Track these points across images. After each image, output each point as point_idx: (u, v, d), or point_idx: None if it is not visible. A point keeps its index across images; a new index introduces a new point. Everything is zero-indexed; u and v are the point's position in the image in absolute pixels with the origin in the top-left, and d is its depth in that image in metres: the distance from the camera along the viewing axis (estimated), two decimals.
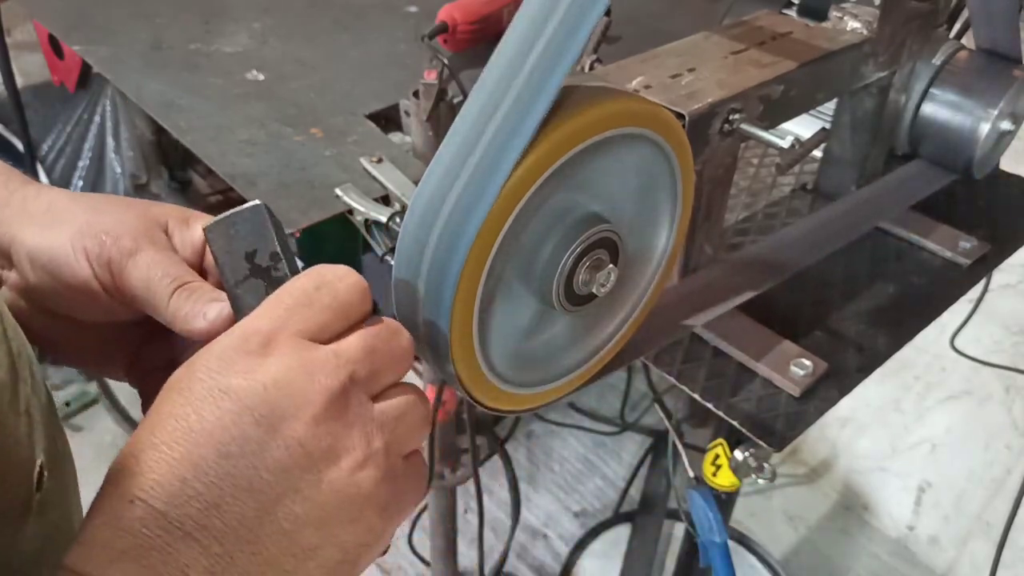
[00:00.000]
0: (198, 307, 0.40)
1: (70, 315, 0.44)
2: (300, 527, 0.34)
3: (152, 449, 0.33)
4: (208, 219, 0.41)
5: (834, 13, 0.80)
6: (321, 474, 0.34)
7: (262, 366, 0.34)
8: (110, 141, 1.85)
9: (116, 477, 0.33)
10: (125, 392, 2.09)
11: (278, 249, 0.39)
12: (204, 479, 0.32)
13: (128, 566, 0.31)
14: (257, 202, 0.40)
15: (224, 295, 0.40)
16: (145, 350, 0.47)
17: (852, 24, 0.79)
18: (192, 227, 0.45)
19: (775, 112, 0.71)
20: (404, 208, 0.76)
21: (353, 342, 0.36)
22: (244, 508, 0.33)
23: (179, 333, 0.41)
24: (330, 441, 0.34)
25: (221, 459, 0.33)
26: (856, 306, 0.80)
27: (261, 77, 1.08)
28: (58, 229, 0.42)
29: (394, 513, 0.37)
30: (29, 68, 1.84)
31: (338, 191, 0.81)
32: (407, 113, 0.95)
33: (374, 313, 0.39)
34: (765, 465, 0.85)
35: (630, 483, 2.00)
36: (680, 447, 1.05)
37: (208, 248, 0.40)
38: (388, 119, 1.01)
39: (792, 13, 0.81)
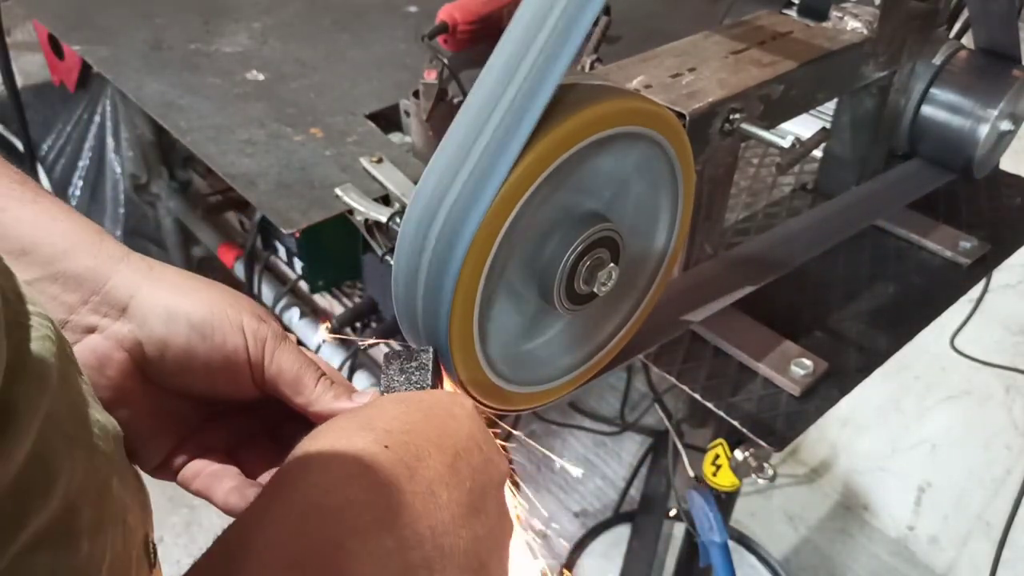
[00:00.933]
0: (343, 393, 0.46)
1: (173, 379, 0.45)
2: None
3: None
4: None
5: (834, 13, 0.80)
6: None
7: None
8: (110, 141, 1.84)
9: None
10: None
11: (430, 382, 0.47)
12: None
13: None
14: (430, 348, 0.47)
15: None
16: (196, 438, 0.48)
17: (852, 24, 0.79)
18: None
19: (775, 112, 0.71)
20: (404, 208, 0.76)
21: None
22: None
23: (316, 415, 0.46)
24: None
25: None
26: (856, 306, 0.80)
27: (261, 77, 1.08)
28: (200, 296, 0.45)
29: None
30: (29, 68, 1.83)
31: (338, 191, 0.82)
32: (407, 113, 0.95)
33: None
34: (765, 465, 0.85)
35: (630, 483, 1.99)
36: (680, 447, 1.05)
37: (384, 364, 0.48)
38: (388, 119, 1.01)
39: (792, 13, 0.81)
